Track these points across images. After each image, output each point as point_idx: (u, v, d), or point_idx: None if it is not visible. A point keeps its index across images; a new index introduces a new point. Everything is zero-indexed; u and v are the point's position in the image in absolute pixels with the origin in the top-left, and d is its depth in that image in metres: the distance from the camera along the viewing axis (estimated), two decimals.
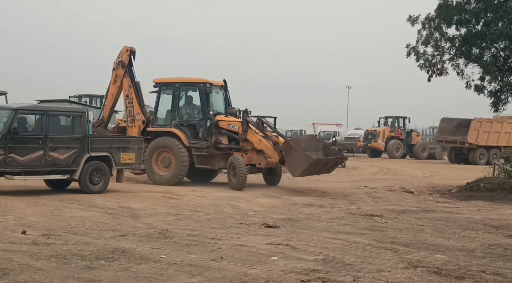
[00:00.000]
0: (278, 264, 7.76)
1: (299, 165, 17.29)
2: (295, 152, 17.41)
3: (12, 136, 13.38)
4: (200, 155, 18.41)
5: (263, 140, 18.09)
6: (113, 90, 19.29)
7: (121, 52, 19.11)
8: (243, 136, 18.16)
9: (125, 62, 18.96)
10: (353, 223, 11.73)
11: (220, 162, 18.49)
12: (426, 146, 45.70)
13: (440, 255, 8.74)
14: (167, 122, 18.85)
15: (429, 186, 20.87)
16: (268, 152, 18.05)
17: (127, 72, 18.97)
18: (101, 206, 12.57)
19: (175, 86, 18.79)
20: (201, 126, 18.51)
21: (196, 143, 18.43)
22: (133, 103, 18.85)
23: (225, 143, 18.52)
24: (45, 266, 7.26)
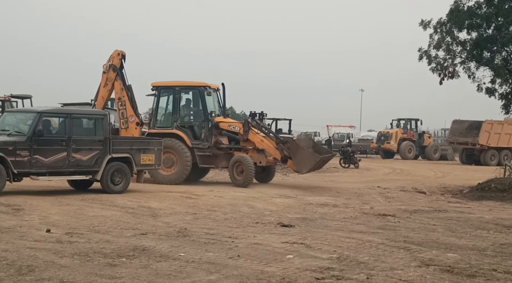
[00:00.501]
0: (294, 262, 7.76)
1: (307, 163, 18.24)
2: (302, 151, 18.25)
3: (37, 138, 13.49)
4: (203, 155, 18.72)
5: (264, 140, 18.74)
6: (103, 93, 19.10)
7: (111, 56, 18.94)
8: (244, 136, 18.66)
9: (117, 65, 18.82)
10: (367, 223, 11.70)
11: (222, 162, 18.94)
12: (438, 148, 45.40)
13: (452, 253, 8.69)
14: (168, 124, 19.00)
15: (441, 187, 20.75)
16: (270, 151, 18.70)
17: (118, 75, 18.85)
18: (122, 206, 12.64)
19: (175, 90, 18.99)
20: (203, 128, 18.83)
21: (198, 143, 18.73)
22: (126, 106, 18.79)
23: (225, 143, 18.93)
24: (69, 263, 7.32)
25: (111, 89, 19.13)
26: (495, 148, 37.87)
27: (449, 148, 44.88)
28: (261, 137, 18.80)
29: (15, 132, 13.84)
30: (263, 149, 18.79)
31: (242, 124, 18.96)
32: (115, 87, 18.99)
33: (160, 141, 16.20)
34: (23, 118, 14.35)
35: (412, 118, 46.09)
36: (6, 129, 14.06)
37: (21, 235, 9.09)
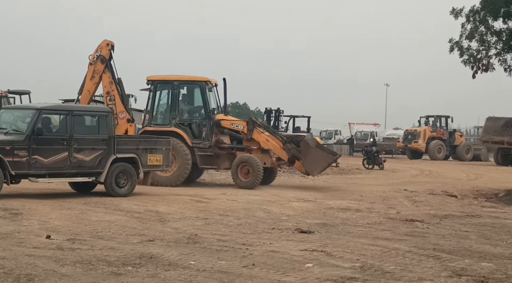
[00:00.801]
0: (313, 272, 7.75)
1: (319, 164, 18.68)
2: (314, 152, 18.64)
3: (36, 137, 13.56)
4: (204, 155, 18.69)
5: (270, 139, 18.82)
6: (89, 86, 18.89)
7: (100, 46, 18.80)
8: (249, 135, 18.70)
9: (105, 56, 18.70)
10: (393, 229, 11.66)
11: (225, 162, 18.95)
12: (471, 147, 45.15)
13: (486, 263, 8.64)
14: (166, 121, 18.95)
15: (473, 190, 20.64)
16: (276, 151, 18.85)
17: (107, 67, 18.75)
18: (128, 210, 12.69)
19: (174, 84, 18.89)
20: (204, 126, 18.79)
21: (199, 143, 18.68)
22: (116, 101, 18.72)
23: (227, 142, 18.94)
24: (70, 272, 7.36)
25: (98, 82, 18.94)
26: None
27: (483, 147, 44.58)
28: (266, 136, 18.86)
29: (12, 130, 13.93)
30: (267, 150, 18.87)
31: (246, 123, 18.97)
32: (103, 80, 18.83)
33: (168, 140, 16.21)
34: (21, 116, 14.44)
35: (442, 115, 45.88)
36: (3, 127, 14.15)
37: (19, 241, 9.15)
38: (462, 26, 20.85)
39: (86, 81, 18.95)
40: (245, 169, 18.20)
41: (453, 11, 20.83)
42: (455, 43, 20.93)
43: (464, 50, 20.82)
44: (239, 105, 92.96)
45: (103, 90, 19.11)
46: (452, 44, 20.98)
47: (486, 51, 20.80)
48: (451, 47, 21.01)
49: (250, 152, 18.78)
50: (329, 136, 61.18)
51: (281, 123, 36.34)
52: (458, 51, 20.90)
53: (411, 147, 44.89)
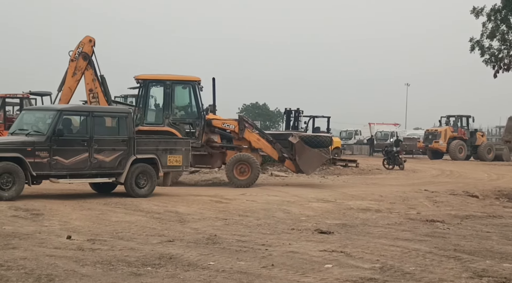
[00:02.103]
0: (333, 272, 7.73)
1: (314, 163, 19.74)
2: (309, 152, 19.37)
3: (57, 138, 13.68)
4: (198, 154, 18.74)
5: (261, 139, 19.37)
6: (71, 83, 18.69)
7: (81, 42, 18.65)
8: (240, 134, 19.08)
9: (88, 53, 18.58)
10: (413, 229, 11.59)
11: (217, 161, 19.29)
12: (492, 147, 44.72)
13: (508, 264, 8.55)
14: (159, 121, 18.93)
15: (495, 190, 20.42)
16: (266, 150, 19.56)
17: (89, 64, 18.64)
18: (148, 211, 12.74)
19: (166, 83, 18.90)
20: (197, 125, 18.91)
21: (192, 142, 18.46)
22: (99, 98, 18.67)
23: (218, 141, 19.18)
24: (91, 272, 7.41)
25: (79, 79, 18.79)
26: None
27: (505, 147, 44.14)
28: (257, 135, 19.44)
29: (33, 131, 14.07)
30: (257, 149, 19.33)
31: (237, 122, 19.32)
32: (86, 77, 18.71)
33: (188, 141, 16.27)
34: (42, 117, 14.56)
35: (463, 115, 45.50)
36: (24, 129, 14.31)
37: (40, 242, 9.23)
38: (483, 25, 20.69)
39: (67, 78, 18.73)
40: (240, 168, 18.54)
41: (473, 10, 20.67)
42: (476, 42, 20.78)
43: (485, 50, 20.66)
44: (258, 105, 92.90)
45: (85, 88, 18.90)
46: (473, 43, 20.82)
47: (507, 50, 20.61)
48: (472, 47, 20.85)
49: (240, 151, 19.12)
50: (349, 136, 60.96)
51: (301, 124, 36.31)
52: (479, 50, 20.75)
53: (432, 147, 44.58)
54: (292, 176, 23.11)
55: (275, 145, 19.47)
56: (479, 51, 20.72)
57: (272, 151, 19.50)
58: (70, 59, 18.74)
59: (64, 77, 18.83)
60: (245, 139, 19.22)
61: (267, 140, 19.59)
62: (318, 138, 21.16)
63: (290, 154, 19.54)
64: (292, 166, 19.75)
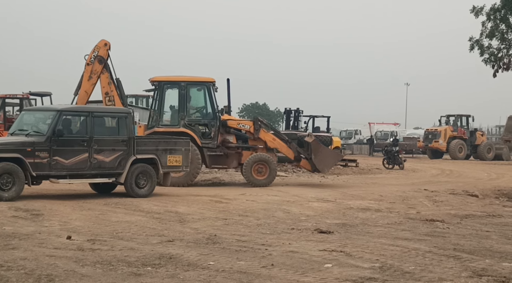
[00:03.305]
0: (332, 272, 7.74)
1: (330, 162, 20.13)
2: (324, 150, 20.06)
3: (57, 138, 13.68)
4: (213, 155, 18.93)
5: (276, 138, 19.56)
6: (87, 86, 18.74)
7: (97, 46, 18.71)
8: (255, 135, 19.21)
9: (104, 56, 18.64)
10: (412, 229, 11.60)
11: (233, 162, 19.35)
12: (492, 146, 44.73)
13: (507, 263, 8.56)
14: (175, 122, 19.03)
15: (495, 189, 20.43)
16: (282, 150, 19.71)
17: (105, 67, 18.69)
18: (148, 211, 12.75)
19: (181, 85, 18.98)
20: (213, 126, 19.00)
21: (208, 143, 18.90)
22: (115, 101, 18.72)
23: (233, 142, 19.29)
24: (91, 273, 7.42)
25: (95, 83, 18.85)
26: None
27: (505, 147, 44.18)
28: (272, 135, 19.56)
29: (33, 132, 14.08)
30: (273, 148, 19.50)
31: (253, 122, 19.48)
32: (101, 81, 18.77)
33: (188, 141, 16.27)
34: (42, 117, 14.58)
35: (462, 114, 45.52)
36: (24, 129, 14.32)
37: (40, 242, 9.24)
38: (483, 25, 20.68)
39: (83, 82, 18.81)
40: (258, 168, 18.70)
41: (473, 9, 20.67)
42: (475, 41, 20.77)
43: (484, 49, 20.64)
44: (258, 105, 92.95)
45: (101, 91, 18.97)
46: (472, 42, 20.81)
47: (507, 49, 20.60)
48: (471, 46, 20.84)
49: (256, 151, 19.25)
50: (349, 136, 61.02)
51: (301, 123, 36.33)
52: (478, 49, 20.73)
53: (432, 147, 44.60)
54: (292, 176, 23.15)
55: (290, 145, 19.67)
56: (479, 50, 20.71)
57: (288, 151, 19.68)
58: (85, 63, 18.81)
59: (80, 81, 18.92)
60: (260, 139, 19.35)
61: (282, 140, 19.76)
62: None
63: (306, 154, 19.71)
64: (308, 165, 19.94)
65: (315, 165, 19.68)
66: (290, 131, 28.44)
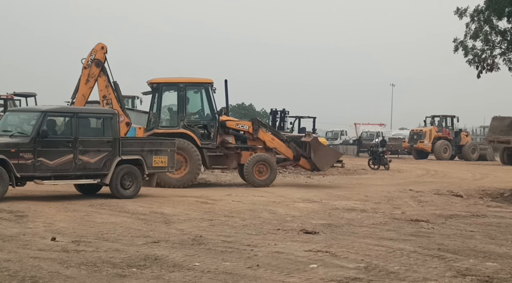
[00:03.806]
0: (318, 272, 7.75)
1: (329, 160, 20.36)
2: (324, 149, 20.37)
3: (41, 139, 13.60)
4: (213, 155, 19.10)
5: (275, 138, 19.79)
6: (84, 90, 18.70)
7: (94, 49, 18.68)
8: (254, 135, 19.41)
9: (101, 59, 18.62)
10: (397, 229, 11.64)
11: (233, 162, 19.50)
12: (476, 147, 45.05)
13: (491, 262, 8.62)
14: (174, 123, 19.12)
15: (479, 190, 20.58)
16: (281, 149, 19.96)
17: (102, 70, 18.67)
18: (133, 212, 12.71)
19: (180, 86, 19.07)
20: (212, 127, 19.13)
21: (208, 143, 19.04)
22: (113, 104, 18.69)
23: (232, 142, 19.43)
24: (75, 274, 7.38)
25: (93, 86, 18.84)
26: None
27: (489, 147, 44.49)
28: (271, 135, 19.77)
29: (17, 133, 13.98)
30: (271, 148, 19.69)
31: (251, 123, 19.63)
32: (99, 84, 18.74)
33: (173, 141, 16.24)
34: (27, 118, 14.49)
35: (447, 115, 45.81)
36: (8, 130, 14.21)
37: (24, 243, 9.18)
38: (467, 26, 20.81)
39: (80, 85, 18.77)
40: (259, 168, 18.93)
41: (457, 11, 20.79)
42: (460, 42, 20.89)
43: (468, 50, 20.77)
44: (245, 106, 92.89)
45: (99, 94, 18.96)
46: (456, 43, 20.94)
47: (490, 50, 20.74)
48: (455, 47, 20.97)
49: (255, 151, 19.38)
50: (335, 137, 61.14)
51: (287, 124, 36.36)
52: (462, 50, 20.86)
53: (417, 147, 44.85)
54: (278, 176, 23.14)
55: (289, 144, 19.91)
56: (463, 51, 20.84)
57: (287, 150, 19.91)
58: (83, 67, 18.76)
59: (78, 85, 18.85)
60: (259, 139, 19.55)
61: (281, 140, 19.98)
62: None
63: (304, 153, 19.96)
64: (307, 164, 20.16)
65: (314, 164, 19.91)
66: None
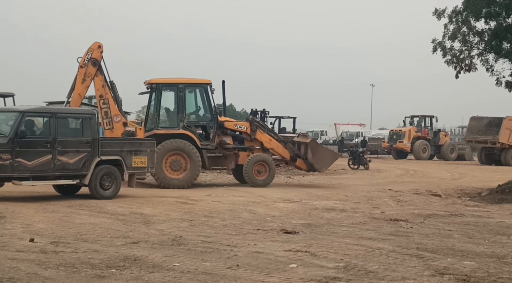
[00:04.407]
0: (297, 272, 7.77)
1: (327, 161, 20.68)
2: (322, 150, 20.82)
3: (19, 140, 13.50)
4: (212, 156, 19.18)
5: (272, 139, 19.97)
6: (80, 89, 18.50)
7: (90, 48, 18.54)
8: (252, 136, 19.55)
9: (98, 59, 18.50)
10: (377, 228, 11.70)
11: (231, 163, 19.61)
12: (455, 147, 45.41)
13: (468, 261, 8.69)
14: (174, 124, 19.12)
15: (457, 189, 20.75)
16: (278, 150, 20.06)
17: (99, 70, 18.55)
18: (112, 212, 12.65)
19: (179, 87, 19.11)
20: (211, 127, 19.25)
21: (207, 144, 19.12)
22: (110, 104, 18.61)
23: (230, 143, 19.53)
24: (54, 275, 7.33)
25: (89, 86, 18.69)
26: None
27: (467, 147, 44.90)
28: (268, 136, 19.97)
29: None
30: (268, 149, 19.84)
31: (249, 123, 19.74)
32: (95, 83, 18.60)
33: (153, 142, 16.21)
34: (4, 118, 14.38)
35: (426, 115, 46.12)
36: None
37: (2, 245, 9.09)
38: (445, 27, 20.94)
39: (76, 85, 18.59)
40: (258, 168, 19.23)
41: (435, 11, 20.92)
42: (438, 43, 21.02)
43: (447, 51, 20.90)
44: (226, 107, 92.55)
45: (95, 93, 18.84)
46: (435, 44, 21.06)
47: (468, 51, 20.89)
48: (434, 47, 21.09)
49: (252, 152, 19.63)
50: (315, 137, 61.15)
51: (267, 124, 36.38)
52: (441, 51, 20.97)
53: (396, 147, 45.11)
54: None
55: (286, 145, 20.15)
56: (441, 52, 20.95)
57: (284, 151, 20.15)
58: (79, 66, 18.53)
59: (74, 84, 18.63)
60: (257, 140, 19.73)
61: (278, 140, 20.18)
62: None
63: (300, 153, 20.22)
64: (304, 165, 20.42)
65: (310, 165, 20.17)
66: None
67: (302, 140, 20.68)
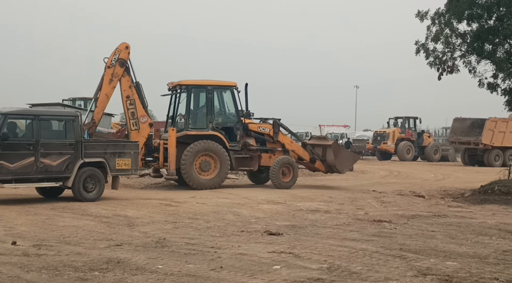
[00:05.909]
0: (281, 273, 7.78)
1: (349, 163, 21.30)
2: (344, 152, 21.50)
3: (2, 142, 13.42)
4: (239, 157, 19.54)
5: (293, 141, 20.74)
6: (107, 90, 18.55)
7: (118, 49, 18.60)
8: (274, 137, 20.01)
9: (125, 59, 18.56)
10: (360, 230, 11.74)
11: (256, 164, 19.97)
12: (439, 148, 45.67)
13: (451, 262, 8.74)
14: (203, 125, 19.25)
15: (441, 190, 20.88)
16: (299, 152, 20.65)
17: (126, 70, 18.62)
18: (96, 215, 12.59)
19: (208, 89, 19.32)
20: (238, 129, 19.62)
21: (234, 145, 19.48)
22: (136, 105, 18.77)
23: (253, 144, 19.90)
24: (36, 278, 7.29)
25: (116, 86, 18.73)
26: (500, 147, 38.19)
27: (451, 148, 45.16)
28: (289, 138, 20.68)
29: None
30: (288, 151, 20.35)
31: (272, 125, 20.15)
32: (122, 84, 18.69)
33: (137, 144, 16.17)
34: None
35: (410, 116, 46.33)
36: None
37: None
38: (428, 29, 21.06)
39: (103, 85, 18.59)
40: (282, 170, 19.63)
41: (418, 13, 21.03)
42: (421, 45, 21.12)
43: (430, 52, 21.00)
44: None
45: (122, 94, 18.82)
46: (418, 46, 21.16)
47: (451, 53, 21.01)
48: (417, 49, 21.19)
49: (274, 153, 20.08)
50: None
51: None
52: (424, 53, 21.08)
53: (381, 148, 45.29)
54: (243, 178, 23.16)
55: (306, 147, 20.67)
56: (424, 54, 21.07)
57: (304, 153, 20.64)
58: (106, 66, 18.49)
59: (100, 84, 18.61)
60: (279, 142, 20.14)
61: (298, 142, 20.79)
62: None
63: (319, 156, 20.71)
64: (322, 166, 20.95)
65: (329, 166, 20.77)
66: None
67: (323, 143, 21.17)
